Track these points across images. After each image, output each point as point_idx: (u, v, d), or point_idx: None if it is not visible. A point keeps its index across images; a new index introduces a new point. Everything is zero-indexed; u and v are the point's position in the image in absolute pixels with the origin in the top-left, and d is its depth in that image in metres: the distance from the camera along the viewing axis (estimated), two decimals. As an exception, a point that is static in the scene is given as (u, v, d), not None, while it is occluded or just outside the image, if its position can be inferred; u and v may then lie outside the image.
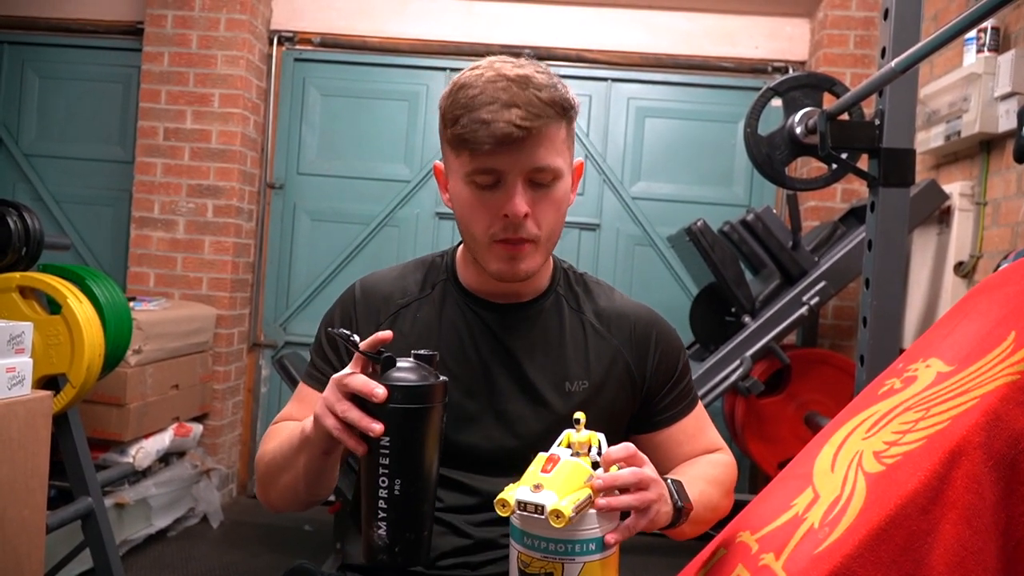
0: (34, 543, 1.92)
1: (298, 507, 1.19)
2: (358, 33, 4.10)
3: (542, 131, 1.09)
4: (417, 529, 0.96)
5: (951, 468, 0.88)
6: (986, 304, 1.11)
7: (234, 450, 4.05)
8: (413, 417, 0.95)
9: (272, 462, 1.17)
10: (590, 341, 1.26)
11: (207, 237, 3.87)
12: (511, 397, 1.21)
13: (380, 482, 0.95)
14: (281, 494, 1.18)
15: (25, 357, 1.94)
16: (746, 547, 1.01)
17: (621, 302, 1.31)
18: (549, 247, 1.18)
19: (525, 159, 1.09)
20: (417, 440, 0.96)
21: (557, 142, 1.12)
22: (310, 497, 1.16)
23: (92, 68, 4.17)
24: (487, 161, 1.09)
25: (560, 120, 1.12)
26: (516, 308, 1.25)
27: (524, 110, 1.07)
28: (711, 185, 4.05)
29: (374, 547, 0.96)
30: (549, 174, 1.11)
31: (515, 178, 1.10)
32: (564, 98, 1.12)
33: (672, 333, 1.31)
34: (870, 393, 1.14)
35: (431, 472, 0.98)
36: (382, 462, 0.95)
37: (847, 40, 3.77)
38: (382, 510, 0.95)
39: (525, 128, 1.06)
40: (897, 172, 1.87)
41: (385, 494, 0.95)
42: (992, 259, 2.64)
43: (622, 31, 4.04)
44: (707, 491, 1.15)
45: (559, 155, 1.12)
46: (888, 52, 1.84)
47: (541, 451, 1.19)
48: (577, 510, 0.91)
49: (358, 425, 0.95)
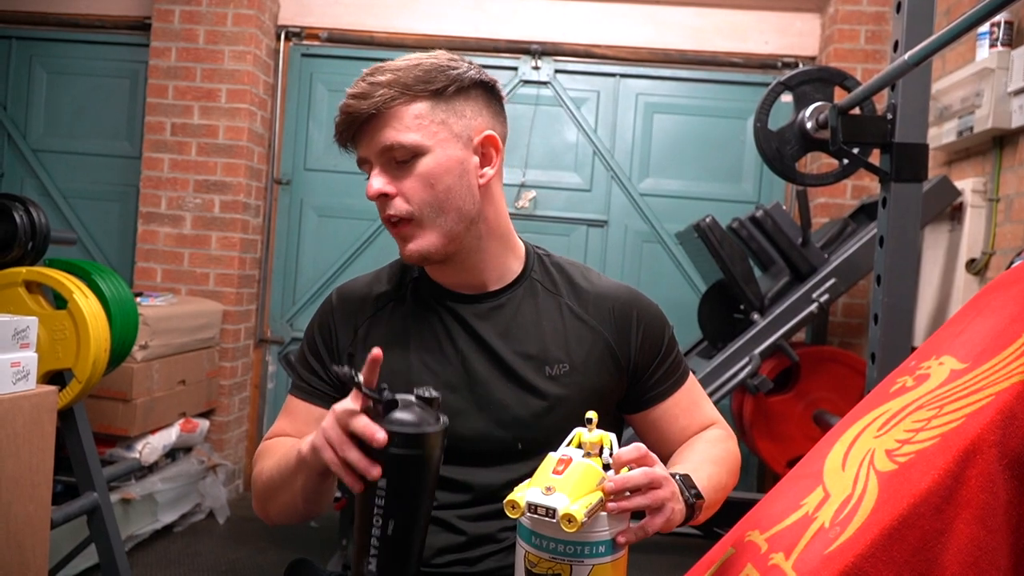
0: (39, 538, 1.92)
1: (297, 520, 1.20)
2: (366, 28, 4.09)
3: (383, 113, 1.13)
4: (407, 563, 0.97)
5: (965, 466, 0.86)
6: (1000, 301, 1.09)
7: (240, 446, 4.05)
8: (411, 463, 0.95)
9: (270, 481, 1.18)
10: (568, 324, 1.25)
11: (214, 233, 3.87)
12: (494, 386, 1.21)
13: (374, 521, 0.95)
14: (280, 511, 1.19)
15: (30, 352, 1.94)
16: (755, 546, 1.00)
17: (599, 283, 1.30)
18: (444, 222, 1.16)
19: (374, 142, 1.14)
20: (413, 485, 0.96)
21: (407, 119, 1.13)
22: (309, 513, 1.17)
23: (100, 63, 4.17)
24: (357, 153, 1.18)
25: (405, 99, 1.13)
26: (488, 297, 1.25)
27: (355, 97, 1.14)
28: (720, 181, 4.03)
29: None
30: (401, 151, 1.14)
31: (372, 162, 1.16)
32: (414, 77, 1.14)
33: (654, 310, 1.30)
34: (882, 391, 1.12)
35: (425, 513, 0.99)
36: (377, 502, 0.95)
37: (858, 35, 3.75)
38: (374, 547, 0.96)
39: (351, 113, 1.14)
40: (910, 167, 1.85)
41: (378, 532, 0.95)
42: (1004, 256, 2.62)
43: (631, 26, 4.02)
44: (713, 474, 1.15)
45: (412, 131, 1.13)
46: (901, 46, 1.82)
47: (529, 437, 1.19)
48: (589, 514, 0.90)
49: (356, 467, 0.95)
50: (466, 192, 1.17)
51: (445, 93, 1.15)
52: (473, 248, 1.21)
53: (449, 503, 1.20)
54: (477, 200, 1.19)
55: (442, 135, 1.15)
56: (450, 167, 1.15)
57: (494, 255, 1.24)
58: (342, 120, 1.15)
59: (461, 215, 1.17)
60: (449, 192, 1.15)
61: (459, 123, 1.17)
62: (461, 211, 1.17)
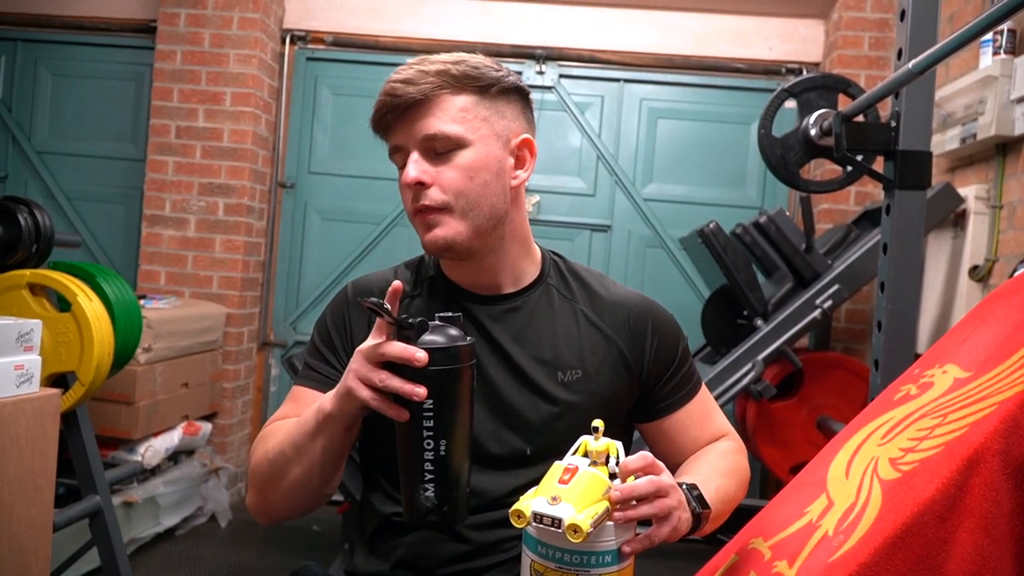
0: (41, 541, 1.92)
1: (304, 504, 1.16)
2: (371, 33, 4.10)
3: (429, 100, 1.13)
4: (462, 486, 0.99)
5: (969, 475, 0.86)
6: (1004, 309, 1.09)
7: (243, 449, 4.05)
8: (452, 378, 0.97)
9: (279, 456, 1.14)
10: (583, 331, 1.25)
11: (218, 236, 3.87)
12: (505, 389, 1.20)
13: (425, 444, 0.96)
14: (288, 492, 1.14)
15: (34, 355, 1.94)
16: (759, 554, 1.00)
17: (615, 290, 1.30)
18: (470, 215, 1.16)
19: (416, 129, 1.14)
20: (458, 399, 0.98)
21: (452, 111, 1.14)
22: (323, 487, 1.13)
23: (105, 66, 4.18)
24: (391, 139, 1.17)
25: (452, 90, 1.14)
26: (503, 299, 1.24)
27: (402, 82, 1.13)
28: (723, 187, 4.03)
29: (421, 509, 0.97)
30: (443, 142, 1.14)
31: (410, 148, 1.15)
32: (461, 70, 1.15)
33: (669, 319, 1.30)
34: (885, 399, 1.12)
35: (470, 429, 1.00)
36: (425, 424, 0.96)
37: (862, 42, 3.75)
38: (428, 472, 0.96)
39: (399, 96, 1.13)
40: (913, 174, 1.85)
41: (431, 456, 0.96)
42: (1008, 263, 2.61)
43: (635, 32, 4.03)
44: (722, 485, 1.14)
45: (457, 123, 1.14)
46: (904, 54, 1.82)
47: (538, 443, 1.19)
48: (595, 524, 0.89)
49: (402, 391, 0.96)
50: (499, 191, 1.18)
51: (489, 92, 1.17)
52: (494, 248, 1.21)
53: None
54: (507, 200, 1.20)
55: (484, 131, 1.16)
56: (488, 163, 1.16)
57: (512, 257, 1.24)
58: (385, 103, 1.14)
59: (492, 212, 1.17)
60: (485, 187, 1.16)
61: (500, 123, 1.18)
62: (493, 208, 1.17)
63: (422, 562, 1.20)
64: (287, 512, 1.18)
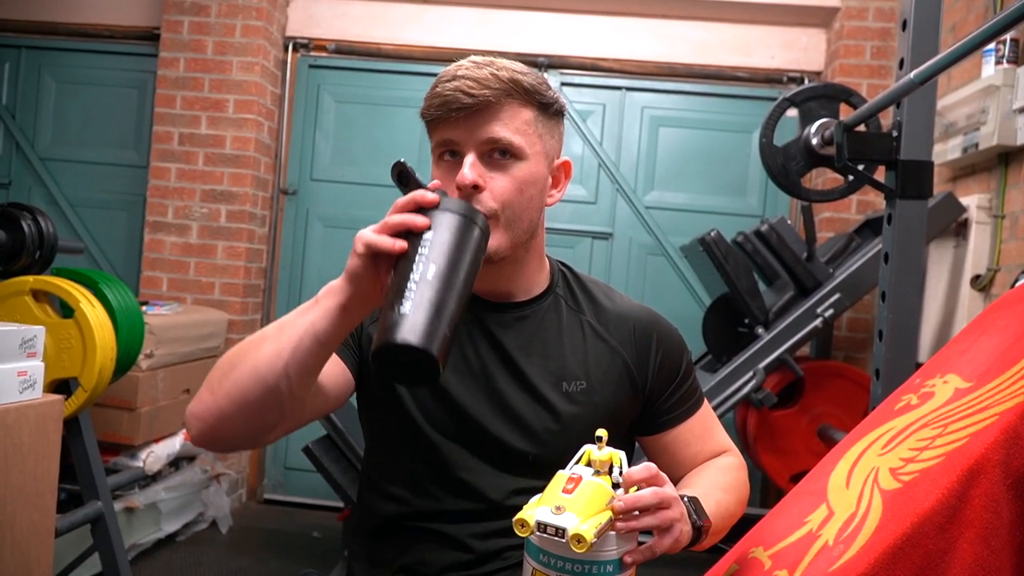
0: (43, 546, 1.92)
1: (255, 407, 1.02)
2: (373, 40, 4.11)
3: (498, 105, 1.12)
4: (438, 319, 0.90)
5: (969, 486, 0.86)
6: (1005, 320, 1.10)
7: (244, 456, 4.05)
8: (459, 222, 0.96)
9: (251, 340, 1.06)
10: (589, 342, 1.25)
11: (220, 242, 3.88)
12: (510, 395, 1.21)
13: (414, 267, 0.92)
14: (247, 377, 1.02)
15: (37, 361, 1.94)
16: (759, 563, 1.00)
17: (621, 303, 1.31)
18: (516, 229, 1.16)
19: (478, 130, 1.12)
20: (459, 241, 0.95)
21: (517, 121, 1.14)
22: (287, 378, 1.00)
23: (108, 73, 4.19)
24: (446, 132, 1.13)
25: (521, 101, 1.14)
26: (512, 307, 1.25)
27: (476, 82, 1.11)
28: (725, 195, 4.03)
29: (390, 324, 0.88)
30: (504, 149, 1.13)
31: (468, 148, 1.13)
32: (530, 84, 1.15)
33: (674, 333, 1.30)
34: (886, 408, 1.12)
35: (464, 281, 0.94)
36: (420, 251, 0.93)
37: (863, 51, 3.76)
38: (410, 290, 0.90)
39: (473, 96, 1.10)
40: (915, 184, 1.85)
41: (417, 276, 0.91)
42: (1010, 273, 2.62)
43: (637, 40, 4.04)
44: (723, 500, 1.15)
45: (519, 135, 1.14)
46: (906, 63, 1.83)
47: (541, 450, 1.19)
48: (599, 534, 0.90)
49: (403, 222, 0.94)
50: (538, 207, 1.19)
51: (548, 111, 1.18)
52: (518, 259, 1.22)
53: (459, 511, 1.20)
54: (542, 217, 1.21)
55: (537, 147, 1.17)
56: (536, 179, 1.17)
57: (529, 269, 1.25)
58: (452, 99, 1.11)
59: (529, 226, 1.18)
60: (530, 202, 1.16)
61: (549, 142, 1.19)
62: (531, 223, 1.18)
63: (423, 569, 1.20)
64: (230, 409, 1.03)
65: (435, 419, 1.21)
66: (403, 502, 1.22)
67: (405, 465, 1.23)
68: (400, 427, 1.22)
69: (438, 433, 1.21)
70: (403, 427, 1.22)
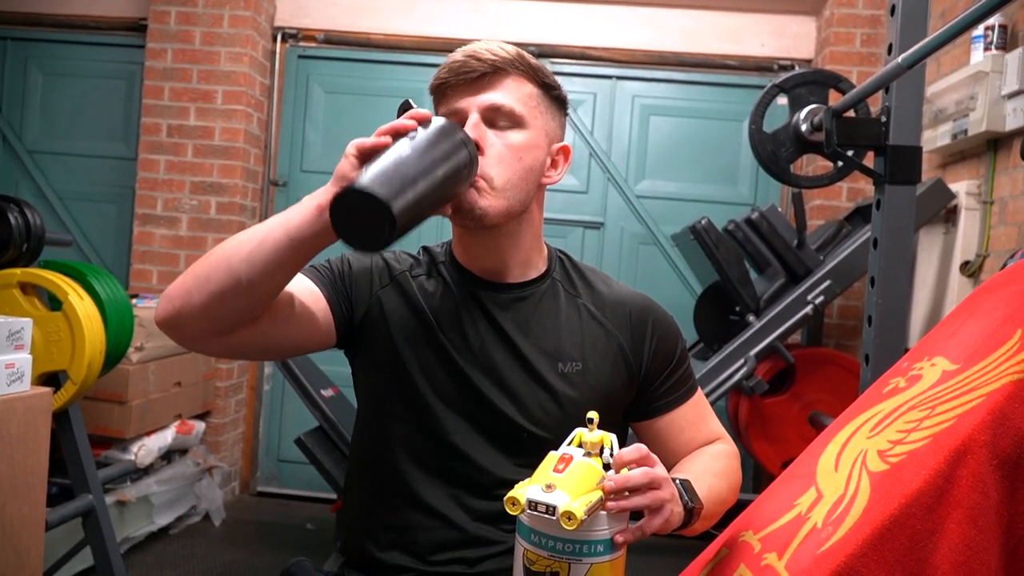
0: (34, 540, 1.91)
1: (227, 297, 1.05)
2: (362, 30, 4.09)
3: (503, 74, 1.18)
4: (398, 188, 0.94)
5: (956, 467, 0.87)
6: (992, 302, 1.10)
7: (236, 448, 4.05)
8: (446, 129, 1.05)
9: (239, 235, 1.09)
10: (585, 325, 1.27)
11: (210, 234, 3.87)
12: (507, 374, 1.22)
13: (395, 147, 1.01)
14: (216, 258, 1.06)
15: (24, 353, 1.94)
16: (749, 547, 1.00)
17: (618, 289, 1.33)
18: (510, 197, 1.18)
19: (482, 94, 1.18)
20: (442, 143, 1.03)
21: (519, 92, 1.19)
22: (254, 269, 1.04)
23: (96, 65, 4.17)
24: (451, 102, 1.19)
25: (525, 75, 1.20)
26: (509, 288, 1.27)
27: (484, 51, 1.18)
28: (716, 183, 4.03)
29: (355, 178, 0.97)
30: (506, 116, 1.18)
31: (471, 111, 1.17)
32: (536, 63, 1.22)
33: (668, 320, 1.32)
34: (874, 392, 1.13)
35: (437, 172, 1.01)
36: (400, 140, 1.02)
37: (853, 38, 3.76)
38: (384, 158, 0.98)
39: (481, 61, 1.17)
40: (903, 169, 1.85)
41: (393, 153, 0.99)
42: (999, 258, 2.62)
43: (627, 29, 4.03)
44: (715, 485, 1.15)
45: (521, 104, 1.19)
46: (895, 48, 1.83)
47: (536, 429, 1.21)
48: (589, 512, 0.90)
49: (394, 126, 1.04)
50: (533, 180, 1.22)
51: (550, 92, 1.24)
52: (511, 231, 1.24)
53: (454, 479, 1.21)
54: (535, 193, 1.24)
55: (538, 122, 1.22)
56: (534, 151, 1.21)
57: (524, 246, 1.27)
58: (459, 65, 1.17)
59: (522, 197, 1.21)
60: (526, 172, 1.20)
61: (550, 123, 1.24)
62: (525, 194, 1.21)
63: (415, 548, 1.21)
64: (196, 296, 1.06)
65: (440, 388, 1.22)
66: (397, 472, 1.23)
67: (403, 434, 1.24)
68: (403, 394, 1.23)
69: (441, 401, 1.22)
70: (406, 394, 1.23)
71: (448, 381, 1.22)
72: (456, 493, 1.21)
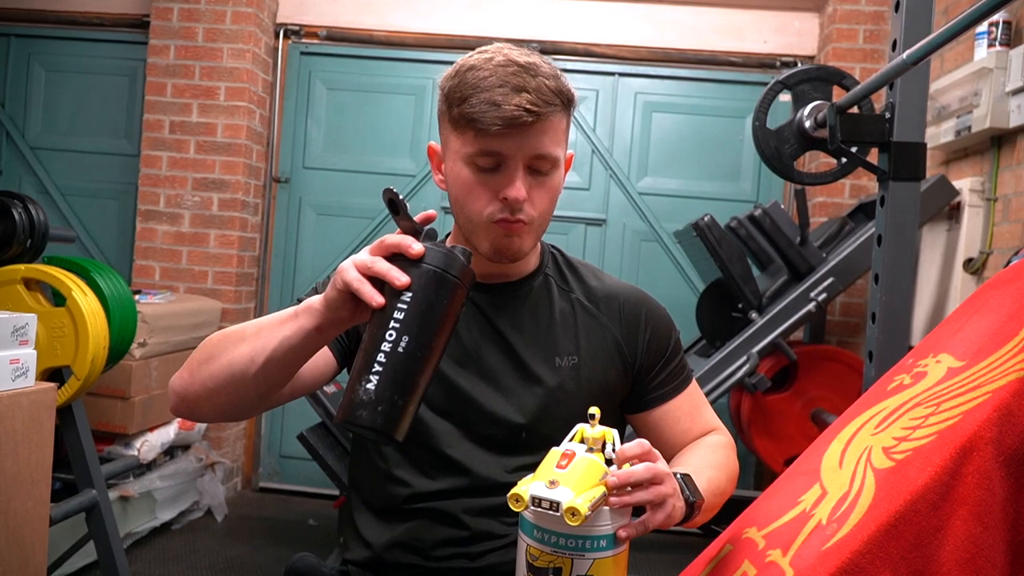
0: (38, 535, 1.92)
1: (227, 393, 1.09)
2: (364, 27, 4.09)
3: (548, 119, 1.12)
4: (406, 398, 0.91)
5: (962, 464, 0.87)
6: (997, 299, 1.10)
7: (239, 444, 4.05)
8: (441, 283, 0.94)
9: (231, 334, 1.10)
10: (580, 319, 1.28)
11: (212, 231, 3.87)
12: (503, 373, 1.23)
13: (387, 336, 0.91)
14: (222, 369, 1.08)
15: (29, 349, 1.94)
16: (752, 543, 1.00)
17: (610, 282, 1.34)
18: (540, 231, 1.21)
19: (529, 145, 1.12)
20: (438, 306, 0.94)
21: (559, 132, 1.15)
22: (258, 386, 1.07)
23: (98, 61, 4.17)
24: (492, 144, 1.11)
25: (564, 111, 1.16)
26: (504, 288, 1.27)
27: (535, 95, 1.09)
28: (718, 180, 4.03)
29: (355, 402, 0.90)
30: (549, 163, 1.15)
31: (517, 163, 1.12)
32: (569, 90, 1.16)
33: (661, 311, 1.33)
34: (879, 389, 1.13)
35: (438, 352, 0.94)
36: (395, 316, 0.92)
37: (856, 35, 3.75)
38: (379, 363, 0.90)
39: (535, 114, 1.09)
40: (907, 166, 1.85)
41: (388, 348, 0.91)
42: (1002, 255, 2.62)
43: (629, 25, 4.02)
44: (713, 477, 1.15)
45: (559, 145, 1.16)
46: (899, 44, 1.83)
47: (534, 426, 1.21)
48: (593, 508, 0.90)
49: (385, 275, 0.94)
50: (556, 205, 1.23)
51: (571, 110, 1.19)
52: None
53: (451, 490, 1.21)
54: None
55: (564, 150, 1.19)
56: (562, 183, 1.21)
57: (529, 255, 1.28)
58: (509, 116, 1.08)
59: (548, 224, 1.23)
60: (555, 206, 1.21)
61: (566, 138, 1.20)
62: (549, 221, 1.22)
63: (417, 545, 1.22)
64: (205, 395, 1.10)
65: (431, 399, 1.22)
66: (398, 481, 1.23)
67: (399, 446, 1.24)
68: None
69: (432, 412, 1.22)
70: None
71: (440, 392, 1.22)
72: (457, 496, 1.22)
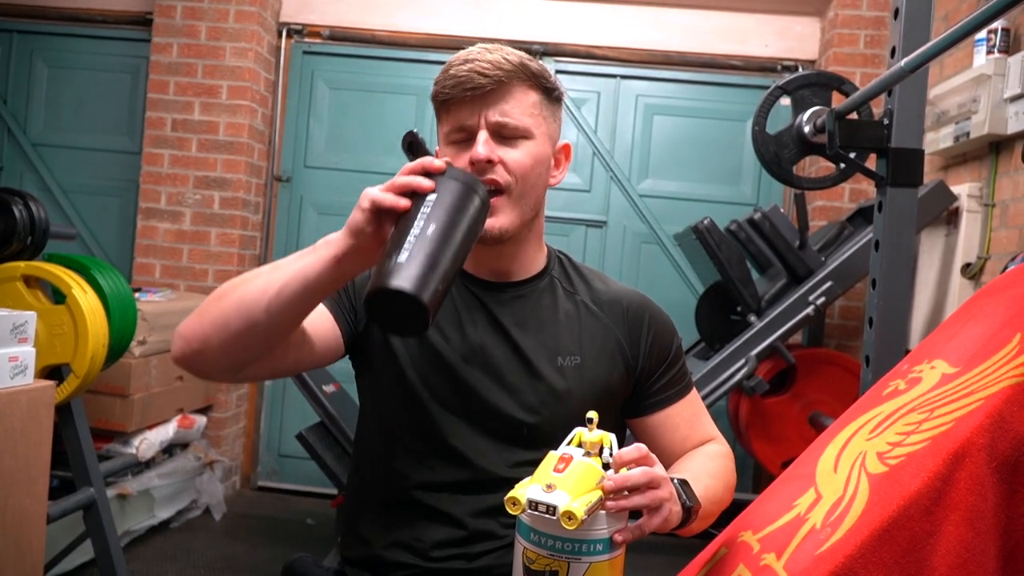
0: (35, 532, 1.92)
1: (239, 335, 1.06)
2: (367, 27, 4.10)
3: (508, 87, 1.18)
4: (432, 271, 0.93)
5: (954, 469, 0.87)
6: (992, 306, 1.10)
7: (238, 443, 4.06)
8: (462, 189, 0.99)
9: (247, 274, 1.11)
10: (583, 320, 1.29)
11: (213, 229, 3.87)
12: (507, 370, 1.24)
13: (416, 222, 0.95)
14: (232, 303, 1.06)
15: (28, 346, 1.95)
16: (747, 547, 1.01)
17: (615, 287, 1.36)
18: (524, 206, 1.21)
19: (490, 111, 1.18)
20: (461, 207, 0.98)
21: (525, 104, 1.20)
22: (269, 314, 1.04)
23: (101, 58, 4.17)
24: (459, 117, 1.19)
25: (529, 84, 1.20)
26: (510, 287, 1.29)
27: (489, 63, 1.17)
28: (719, 183, 4.04)
29: (385, 272, 0.91)
30: (515, 131, 1.18)
31: (479, 127, 1.17)
32: (537, 68, 1.21)
33: (664, 317, 1.35)
34: (874, 394, 1.13)
35: (461, 242, 0.98)
36: (423, 210, 0.97)
37: (857, 39, 3.76)
38: (409, 242, 0.94)
39: (486, 76, 1.16)
40: (905, 172, 1.86)
41: (417, 231, 0.95)
42: (1000, 261, 2.63)
43: (631, 28, 4.03)
44: (711, 485, 1.16)
45: (528, 116, 1.19)
46: (898, 51, 1.83)
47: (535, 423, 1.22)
48: (589, 512, 0.91)
49: (409, 183, 0.98)
50: (543, 186, 1.25)
51: (552, 95, 1.25)
52: (520, 239, 1.26)
53: (454, 482, 1.22)
54: (545, 196, 1.27)
55: (543, 128, 1.23)
56: (542, 158, 1.23)
57: (529, 250, 1.29)
58: (464, 80, 1.16)
59: (535, 204, 1.24)
60: (538, 179, 1.23)
61: (552, 125, 1.26)
62: (536, 200, 1.24)
63: (416, 544, 1.22)
64: (213, 332, 1.07)
65: (436, 391, 1.24)
66: (398, 475, 1.24)
67: (402, 436, 1.26)
68: (400, 398, 1.25)
69: (437, 404, 1.23)
70: (403, 398, 1.24)
71: (445, 384, 1.24)
72: (457, 491, 1.23)
